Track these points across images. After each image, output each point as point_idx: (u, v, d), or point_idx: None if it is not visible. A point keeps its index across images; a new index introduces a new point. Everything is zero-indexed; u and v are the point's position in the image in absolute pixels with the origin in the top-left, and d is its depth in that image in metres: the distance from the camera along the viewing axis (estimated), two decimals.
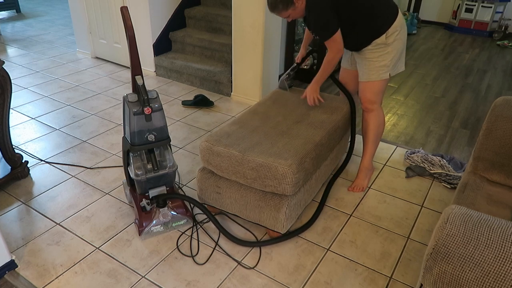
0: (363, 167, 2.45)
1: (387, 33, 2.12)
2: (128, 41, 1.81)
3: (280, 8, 2.06)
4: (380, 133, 2.42)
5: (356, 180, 2.46)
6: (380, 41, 2.14)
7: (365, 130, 2.40)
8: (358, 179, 2.45)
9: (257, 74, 3.40)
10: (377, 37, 2.14)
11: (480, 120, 3.40)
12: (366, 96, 2.31)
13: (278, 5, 2.06)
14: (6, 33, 5.47)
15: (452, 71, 4.56)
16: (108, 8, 4.11)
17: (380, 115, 2.37)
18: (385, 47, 2.15)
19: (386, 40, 2.13)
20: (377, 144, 2.46)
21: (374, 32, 2.14)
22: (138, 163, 1.97)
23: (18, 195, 2.36)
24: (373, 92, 2.28)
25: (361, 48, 2.22)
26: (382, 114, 2.38)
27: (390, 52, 2.17)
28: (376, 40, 2.14)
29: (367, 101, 2.32)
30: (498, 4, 5.75)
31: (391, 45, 2.15)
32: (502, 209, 1.65)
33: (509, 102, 1.84)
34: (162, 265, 1.90)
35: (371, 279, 1.85)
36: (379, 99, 2.33)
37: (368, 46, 2.18)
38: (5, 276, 1.83)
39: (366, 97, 2.31)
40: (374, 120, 2.35)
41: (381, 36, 2.13)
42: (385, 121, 2.44)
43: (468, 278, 1.11)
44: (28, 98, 3.58)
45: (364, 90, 2.31)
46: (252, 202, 1.96)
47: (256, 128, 2.13)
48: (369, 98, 2.31)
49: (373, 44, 2.16)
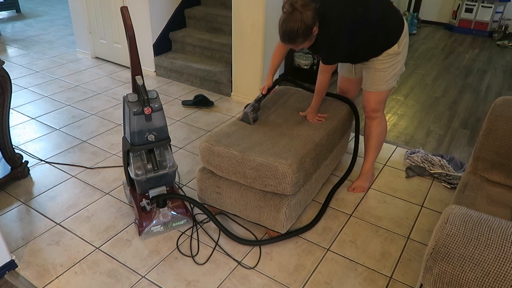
0: (365, 171, 2.45)
1: (398, 42, 2.06)
2: (128, 41, 1.81)
3: (299, 42, 1.88)
4: (382, 140, 2.40)
5: (357, 181, 2.46)
6: (393, 51, 2.07)
7: (368, 136, 2.38)
8: (359, 181, 2.45)
9: (257, 74, 3.40)
10: (389, 47, 2.06)
11: (480, 120, 3.40)
12: (371, 105, 2.26)
13: (298, 39, 1.86)
14: (6, 33, 5.47)
15: (452, 71, 4.56)
16: (108, 8, 4.11)
17: (383, 123, 2.34)
18: (396, 56, 2.09)
19: (398, 49, 2.07)
20: (379, 150, 2.44)
21: (387, 43, 2.06)
22: (138, 163, 1.97)
23: (18, 195, 2.36)
24: (378, 101, 2.24)
25: (369, 59, 2.14)
26: (384, 122, 2.35)
27: (400, 60, 2.13)
28: (387, 51, 2.07)
29: (372, 110, 2.28)
30: (498, 4, 5.75)
31: (401, 53, 2.10)
32: (502, 209, 1.65)
33: (509, 102, 1.84)
34: (162, 265, 1.90)
35: (371, 279, 1.85)
36: (383, 107, 2.30)
37: (378, 57, 2.10)
38: (5, 276, 1.83)
39: (371, 106, 2.26)
40: (377, 127, 2.33)
41: (393, 46, 2.06)
42: (387, 127, 2.42)
43: (468, 278, 1.11)
44: (28, 98, 3.58)
45: (369, 100, 2.25)
46: (252, 202, 1.96)
47: (256, 128, 2.13)
48: (374, 107, 2.26)
49: (384, 54, 2.08)
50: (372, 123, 2.32)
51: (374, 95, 2.22)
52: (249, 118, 2.18)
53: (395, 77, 2.18)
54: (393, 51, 2.08)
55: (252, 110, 2.19)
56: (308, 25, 1.82)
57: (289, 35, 1.85)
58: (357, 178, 2.49)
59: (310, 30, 1.85)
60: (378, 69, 2.14)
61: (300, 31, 1.83)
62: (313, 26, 1.86)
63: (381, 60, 2.11)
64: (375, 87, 2.19)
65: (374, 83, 2.18)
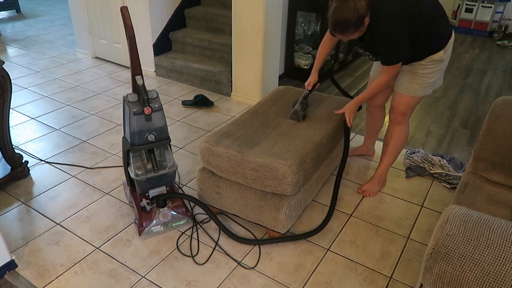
0: (378, 175, 2.39)
1: (445, 48, 1.98)
2: (128, 41, 1.81)
3: (351, 31, 1.83)
4: (401, 147, 2.33)
5: (368, 184, 2.40)
6: (437, 57, 1.98)
7: (388, 141, 2.31)
8: (371, 184, 2.40)
9: (257, 74, 3.40)
10: (435, 52, 1.97)
11: (480, 120, 3.40)
12: (400, 108, 2.18)
13: (350, 28, 1.81)
14: (6, 33, 5.47)
15: (452, 71, 4.56)
16: (108, 8, 4.11)
17: (406, 129, 2.27)
18: (439, 63, 2.01)
19: (443, 56, 1.99)
20: (396, 157, 2.37)
21: (434, 47, 1.97)
22: (138, 163, 1.97)
23: (18, 195, 2.36)
24: (410, 106, 2.17)
25: (411, 62, 2.04)
26: (408, 129, 2.28)
27: (442, 68, 2.06)
28: (432, 56, 1.98)
29: (400, 113, 2.20)
30: (498, 4, 5.75)
31: (444, 60, 2.03)
32: (502, 209, 1.66)
33: (509, 102, 1.84)
34: (162, 265, 1.90)
35: (371, 279, 1.85)
36: (411, 113, 2.23)
37: (421, 61, 2.00)
38: (5, 276, 1.83)
39: (400, 110, 2.18)
40: (400, 134, 2.26)
41: (439, 51, 1.97)
42: (408, 136, 2.33)
43: (468, 278, 1.11)
44: (28, 98, 3.58)
45: (400, 103, 2.17)
46: (252, 202, 1.96)
47: (256, 128, 2.13)
48: (404, 111, 2.19)
49: (427, 59, 1.99)
50: (395, 128, 2.25)
51: (407, 99, 2.14)
52: (299, 115, 2.19)
53: (432, 85, 2.10)
54: (438, 57, 1.99)
55: (301, 108, 2.21)
56: (361, 14, 1.78)
57: (342, 24, 1.81)
58: (368, 180, 2.43)
59: (362, 19, 1.81)
60: (418, 74, 2.05)
61: (353, 20, 1.78)
62: (365, 16, 1.81)
63: (423, 65, 2.02)
64: (411, 91, 2.11)
65: (411, 87, 2.09)
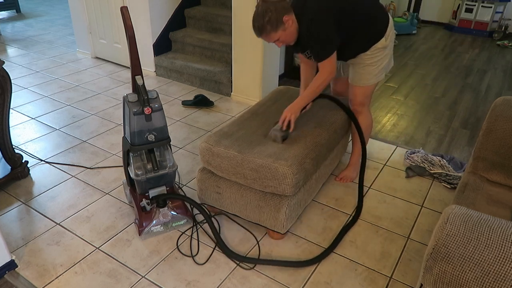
0: (353, 163, 2.52)
1: (385, 35, 2.09)
2: (128, 41, 1.81)
3: (269, 30, 1.87)
4: (369, 133, 2.47)
5: (346, 171, 2.53)
6: (381, 45, 2.10)
7: (355, 131, 2.41)
8: (348, 171, 2.53)
9: (257, 74, 3.40)
10: (377, 41, 2.08)
11: (480, 120, 3.40)
12: (358, 99, 2.30)
13: (266, 27, 1.86)
14: (6, 33, 5.47)
15: (452, 71, 4.56)
16: (108, 8, 4.11)
17: (369, 116, 2.41)
18: (383, 49, 2.12)
19: (386, 42, 2.10)
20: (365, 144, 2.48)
21: (375, 37, 2.08)
22: (138, 163, 1.97)
23: (18, 195, 2.36)
24: (366, 95, 2.29)
25: (357, 55, 2.15)
26: (370, 115, 2.41)
27: (388, 53, 2.17)
28: (376, 45, 2.09)
29: (359, 104, 2.32)
30: (498, 4, 5.75)
31: (388, 46, 2.14)
32: (502, 209, 1.66)
33: (509, 102, 1.84)
34: (162, 265, 1.90)
35: (371, 279, 1.85)
36: (369, 100, 2.36)
37: (367, 52, 2.11)
38: (5, 276, 1.83)
39: (358, 101, 2.31)
40: (364, 121, 2.37)
41: (381, 40, 2.09)
42: (372, 121, 2.48)
43: (468, 278, 1.11)
44: (28, 98, 3.58)
45: (357, 94, 2.29)
46: (252, 202, 1.96)
47: (256, 128, 2.13)
48: (361, 101, 2.31)
49: (372, 49, 2.10)
50: (358, 117, 2.36)
51: (362, 89, 2.26)
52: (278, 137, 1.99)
53: (383, 70, 2.22)
54: (381, 45, 2.10)
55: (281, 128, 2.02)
56: (277, 10, 1.85)
57: (258, 24, 1.87)
58: (345, 168, 2.56)
59: (279, 17, 1.85)
60: (367, 64, 2.15)
61: (266, 18, 1.84)
62: (284, 14, 1.86)
63: (369, 55, 2.12)
64: (364, 81, 2.22)
65: (363, 77, 2.21)
